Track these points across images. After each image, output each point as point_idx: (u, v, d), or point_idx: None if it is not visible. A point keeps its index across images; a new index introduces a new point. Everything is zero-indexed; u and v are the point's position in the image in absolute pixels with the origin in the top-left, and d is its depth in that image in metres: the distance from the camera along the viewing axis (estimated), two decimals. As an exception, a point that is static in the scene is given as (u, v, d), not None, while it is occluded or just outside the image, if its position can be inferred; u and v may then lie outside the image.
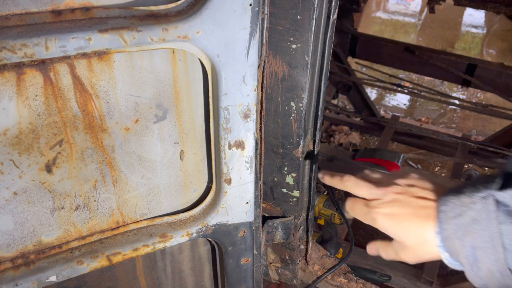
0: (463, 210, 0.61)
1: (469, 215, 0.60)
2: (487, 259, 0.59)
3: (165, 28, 0.62)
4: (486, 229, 0.58)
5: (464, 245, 0.61)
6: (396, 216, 0.72)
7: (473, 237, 0.59)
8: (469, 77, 2.91)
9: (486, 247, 0.58)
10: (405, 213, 0.70)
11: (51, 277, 0.76)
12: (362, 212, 0.77)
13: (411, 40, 6.62)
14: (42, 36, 0.56)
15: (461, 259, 0.62)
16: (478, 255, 0.59)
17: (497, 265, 0.58)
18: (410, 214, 0.70)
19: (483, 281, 0.61)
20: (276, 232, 1.11)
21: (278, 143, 0.97)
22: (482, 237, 0.58)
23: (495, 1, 2.90)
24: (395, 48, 3.14)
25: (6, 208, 0.69)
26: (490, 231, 0.58)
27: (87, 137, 0.70)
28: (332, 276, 1.17)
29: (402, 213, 0.71)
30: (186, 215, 0.86)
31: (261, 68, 0.80)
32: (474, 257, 0.60)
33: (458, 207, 0.62)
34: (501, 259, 0.57)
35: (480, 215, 0.59)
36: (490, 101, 4.43)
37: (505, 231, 0.57)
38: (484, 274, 0.60)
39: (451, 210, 0.62)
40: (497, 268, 0.58)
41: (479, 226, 0.59)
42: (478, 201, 0.59)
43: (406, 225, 0.70)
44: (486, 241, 0.58)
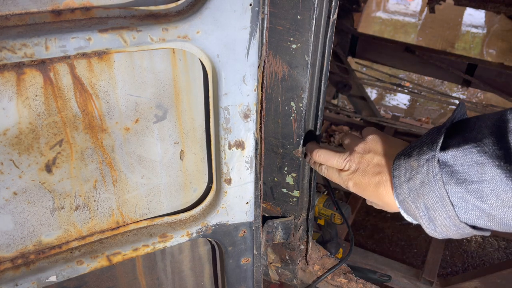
0: (412, 174, 0.64)
1: (418, 178, 0.64)
2: (440, 217, 0.63)
3: (165, 28, 0.62)
4: (434, 190, 0.62)
5: (417, 206, 0.65)
6: (360, 185, 0.78)
7: (424, 199, 0.63)
8: (469, 77, 2.91)
9: (437, 207, 0.62)
10: (365, 182, 0.76)
11: (51, 277, 0.76)
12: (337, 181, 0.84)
13: (411, 40, 6.62)
14: (42, 36, 0.56)
15: (418, 219, 0.67)
16: (432, 215, 0.64)
17: (450, 220, 0.62)
18: (369, 182, 0.76)
19: (442, 235, 0.66)
20: (276, 232, 1.11)
21: (278, 143, 0.97)
22: (431, 198, 0.62)
23: (495, 1, 2.90)
24: (395, 48, 3.14)
25: (6, 208, 0.69)
26: (437, 192, 0.61)
27: (87, 137, 0.70)
28: (332, 276, 1.17)
29: (363, 182, 0.77)
30: (186, 215, 0.86)
31: (261, 68, 0.80)
32: (429, 217, 0.64)
33: (408, 171, 0.65)
34: (453, 216, 0.61)
35: (427, 177, 0.62)
36: (490, 101, 4.43)
37: (450, 191, 0.60)
38: (441, 229, 0.65)
39: (403, 175, 0.66)
40: (451, 223, 0.62)
41: (427, 188, 0.62)
42: (424, 163, 0.63)
43: (369, 193, 0.76)
44: (436, 201, 0.62)
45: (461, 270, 2.86)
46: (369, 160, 0.77)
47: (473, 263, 2.91)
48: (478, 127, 0.61)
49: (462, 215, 0.61)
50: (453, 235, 0.66)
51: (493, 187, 0.57)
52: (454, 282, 2.36)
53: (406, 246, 3.02)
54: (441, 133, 0.64)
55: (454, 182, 0.60)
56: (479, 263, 2.91)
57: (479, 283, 2.24)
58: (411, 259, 2.92)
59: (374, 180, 0.75)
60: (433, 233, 0.67)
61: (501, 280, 2.18)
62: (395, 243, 3.04)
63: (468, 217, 0.61)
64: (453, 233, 0.65)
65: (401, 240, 3.06)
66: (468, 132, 0.62)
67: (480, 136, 0.59)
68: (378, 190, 0.74)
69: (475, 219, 0.61)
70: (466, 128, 0.63)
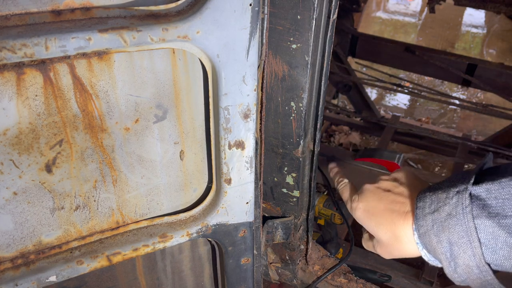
0: (439, 206, 0.60)
1: (444, 211, 0.59)
2: (464, 254, 0.58)
3: (165, 28, 0.62)
4: (461, 223, 0.57)
5: (440, 240, 0.60)
6: (371, 210, 0.71)
7: (449, 233, 0.58)
8: (469, 77, 2.91)
9: (462, 242, 0.57)
10: (380, 208, 0.70)
11: (51, 277, 0.76)
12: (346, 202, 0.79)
13: (411, 40, 6.62)
14: (42, 36, 0.56)
15: (438, 255, 0.61)
16: (455, 251, 0.58)
17: (475, 260, 0.57)
18: (384, 209, 0.69)
19: (462, 278, 0.60)
20: (276, 232, 1.11)
21: (278, 143, 0.97)
22: (457, 232, 0.57)
23: (495, 1, 2.90)
24: (395, 48, 3.14)
25: (6, 208, 0.69)
26: (465, 226, 0.56)
27: (87, 137, 0.70)
28: (332, 276, 1.17)
29: (377, 208, 0.70)
30: (186, 215, 0.86)
31: (261, 68, 0.80)
32: (451, 253, 0.59)
33: (434, 202, 0.61)
34: (478, 254, 0.56)
35: (455, 210, 0.58)
36: (490, 101, 4.43)
37: (480, 225, 0.56)
38: (462, 270, 0.59)
39: (428, 206, 0.61)
40: (474, 263, 0.57)
41: (454, 221, 0.58)
42: (453, 195, 0.58)
43: (379, 220, 0.70)
44: (462, 236, 0.57)
45: (461, 270, 2.85)
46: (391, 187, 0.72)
47: (473, 263, 2.90)
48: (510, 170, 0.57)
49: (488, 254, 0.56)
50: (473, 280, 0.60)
51: None
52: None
53: (406, 246, 3.01)
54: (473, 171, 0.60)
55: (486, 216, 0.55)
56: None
57: (479, 283, 2.23)
58: (411, 259, 2.91)
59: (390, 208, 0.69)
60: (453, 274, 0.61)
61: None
62: (395, 243, 3.04)
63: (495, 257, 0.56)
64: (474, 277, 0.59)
65: (401, 240, 3.05)
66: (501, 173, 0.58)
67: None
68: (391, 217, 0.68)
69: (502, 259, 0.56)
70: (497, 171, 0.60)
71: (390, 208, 0.69)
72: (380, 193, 0.72)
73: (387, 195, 0.71)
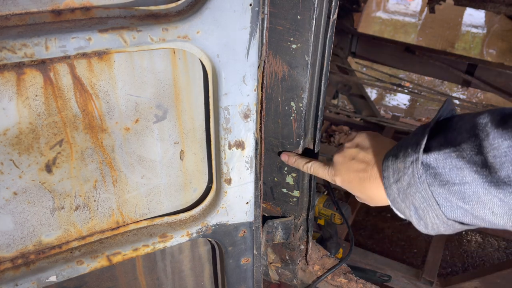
0: (400, 176, 0.67)
1: (405, 180, 0.66)
2: (428, 215, 0.66)
3: (165, 28, 0.62)
4: (420, 191, 0.64)
5: (407, 206, 0.68)
6: (345, 179, 0.81)
7: (412, 199, 0.66)
8: (469, 77, 2.91)
9: (424, 207, 0.65)
10: (350, 176, 0.80)
11: (51, 277, 0.76)
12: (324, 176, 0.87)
13: (411, 40, 6.62)
14: (42, 36, 0.56)
15: (408, 217, 0.70)
16: (420, 213, 0.67)
17: (439, 218, 0.65)
18: (354, 177, 0.79)
19: (434, 231, 0.69)
20: (276, 232, 1.11)
21: (278, 143, 0.97)
22: (418, 198, 0.65)
23: (495, 1, 2.90)
24: (395, 48, 3.14)
25: (6, 208, 0.69)
26: (423, 193, 0.64)
27: (87, 137, 0.70)
28: (332, 276, 1.17)
29: (348, 177, 0.80)
30: (186, 215, 0.86)
31: (261, 68, 0.80)
32: (418, 215, 0.67)
33: (396, 172, 0.68)
34: (440, 214, 0.64)
35: (413, 179, 0.65)
36: (490, 101, 4.43)
37: (435, 192, 0.63)
38: (431, 227, 0.68)
39: (391, 176, 0.69)
40: (439, 221, 0.65)
41: (414, 190, 0.65)
42: (409, 166, 0.66)
43: (353, 186, 0.80)
44: (423, 201, 0.65)
45: (461, 270, 2.86)
46: (354, 154, 0.80)
47: (473, 263, 2.91)
48: (458, 128, 0.64)
49: (448, 213, 0.64)
50: (444, 231, 0.68)
51: (474, 189, 0.59)
52: (454, 282, 2.36)
53: (406, 246, 3.02)
54: (425, 133, 0.66)
55: (438, 184, 0.63)
56: (479, 263, 2.91)
57: (479, 283, 2.24)
58: (411, 259, 2.92)
59: (358, 176, 0.78)
60: (425, 230, 0.69)
61: (501, 280, 2.18)
62: (395, 243, 3.04)
63: (454, 215, 0.64)
64: (444, 229, 0.67)
65: (401, 240, 3.06)
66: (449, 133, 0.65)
67: (460, 138, 0.62)
68: (362, 184, 0.77)
69: (461, 217, 0.63)
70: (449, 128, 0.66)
71: (357, 176, 0.79)
72: (347, 163, 0.81)
73: (353, 164, 0.80)
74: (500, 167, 0.56)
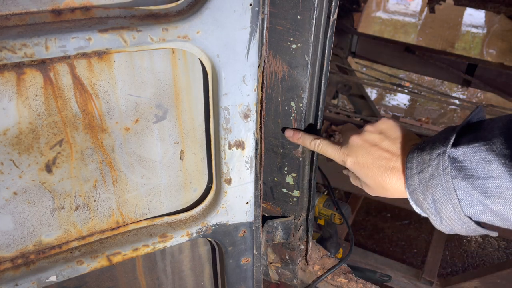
0: (424, 167, 0.67)
1: (428, 171, 0.66)
2: (446, 209, 0.66)
3: (165, 28, 0.62)
4: (442, 183, 0.65)
5: (426, 198, 0.68)
6: (360, 163, 0.78)
7: (432, 191, 0.66)
8: (469, 77, 2.91)
9: (444, 200, 0.65)
10: (368, 161, 0.77)
11: (51, 277, 0.76)
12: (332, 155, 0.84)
13: (411, 40, 6.62)
14: (42, 36, 0.56)
15: (425, 210, 0.70)
16: (438, 207, 0.67)
17: (455, 214, 0.65)
18: (372, 163, 0.76)
19: (448, 228, 0.69)
20: (276, 232, 1.11)
21: (278, 143, 0.97)
22: (439, 191, 0.65)
23: (495, 1, 2.90)
24: (395, 48, 3.14)
25: (6, 208, 0.69)
26: (445, 185, 0.64)
27: (87, 137, 0.70)
28: (332, 276, 1.17)
29: (365, 161, 0.77)
30: (186, 215, 0.86)
31: (261, 68, 0.80)
32: (436, 209, 0.67)
33: (420, 164, 0.68)
34: (458, 209, 0.64)
35: (437, 171, 0.65)
36: (490, 101, 4.43)
37: (457, 185, 0.63)
38: (447, 222, 0.67)
39: (415, 167, 0.69)
40: (456, 216, 0.65)
41: (436, 181, 0.65)
42: (435, 158, 0.66)
43: (368, 172, 0.77)
44: (443, 194, 0.65)
45: (461, 270, 2.86)
46: (378, 141, 0.77)
47: (473, 263, 2.91)
48: (490, 128, 0.64)
49: (466, 209, 0.64)
50: (458, 230, 0.68)
51: (498, 184, 0.59)
52: (454, 282, 2.36)
53: (406, 246, 3.02)
54: (455, 131, 0.67)
55: (462, 177, 0.63)
56: (479, 263, 2.91)
57: (479, 283, 2.24)
58: (411, 259, 2.92)
59: (379, 163, 0.75)
60: (439, 226, 0.69)
61: (501, 280, 2.18)
62: (395, 243, 3.04)
63: (472, 211, 0.64)
64: (458, 227, 0.67)
65: (401, 240, 3.06)
66: (480, 132, 0.65)
67: (491, 135, 0.62)
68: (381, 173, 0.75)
69: (479, 213, 0.63)
70: (479, 128, 0.66)
71: (378, 163, 0.76)
72: (367, 147, 0.78)
73: (374, 150, 0.77)
74: None
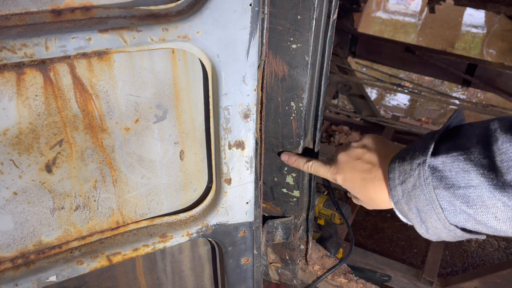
0: (405, 177, 0.67)
1: (410, 182, 0.66)
2: (431, 219, 0.66)
3: (165, 28, 0.62)
4: (424, 194, 0.65)
5: (410, 208, 0.68)
6: (348, 179, 0.81)
7: (416, 201, 0.66)
8: (469, 77, 2.91)
9: (427, 209, 0.65)
10: (354, 176, 0.80)
11: (51, 277, 0.76)
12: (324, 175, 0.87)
13: (411, 40, 6.62)
14: (42, 36, 0.56)
15: (411, 220, 0.70)
16: (423, 216, 0.67)
17: (440, 223, 0.65)
18: (357, 177, 0.79)
19: (434, 236, 0.69)
20: (276, 232, 1.11)
21: (278, 143, 0.97)
22: (422, 201, 0.65)
23: (495, 1, 2.90)
24: (395, 48, 3.14)
25: (6, 208, 0.69)
26: (428, 196, 0.64)
27: (87, 137, 0.70)
28: (332, 276, 1.17)
29: (352, 176, 0.80)
30: (186, 215, 0.86)
31: (261, 68, 0.80)
32: (421, 218, 0.67)
33: (402, 174, 0.68)
34: (442, 218, 0.64)
35: (419, 181, 0.65)
36: (490, 101, 4.43)
37: (439, 195, 0.63)
38: (433, 231, 0.67)
39: (397, 178, 0.69)
40: (441, 225, 0.65)
41: (418, 192, 0.65)
42: (416, 167, 0.66)
43: (355, 186, 0.80)
44: (426, 204, 0.65)
45: (461, 270, 2.86)
46: (360, 155, 0.80)
47: (473, 263, 2.91)
48: (468, 135, 0.64)
49: (451, 217, 0.64)
50: (445, 237, 0.68)
51: (479, 193, 0.59)
52: (454, 282, 2.36)
53: (406, 246, 3.02)
54: (434, 138, 0.66)
55: (443, 187, 0.63)
56: (479, 263, 2.91)
57: (479, 283, 2.24)
58: (411, 259, 2.92)
59: (362, 176, 0.78)
60: (426, 235, 0.69)
61: (501, 280, 2.18)
62: (395, 243, 3.04)
63: (456, 220, 0.64)
64: (445, 235, 0.67)
65: (401, 240, 3.06)
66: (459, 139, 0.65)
67: (469, 144, 0.62)
68: (365, 185, 0.77)
69: (464, 222, 0.63)
70: (458, 135, 0.66)
71: (362, 176, 0.78)
72: (352, 162, 0.80)
73: (358, 164, 0.79)
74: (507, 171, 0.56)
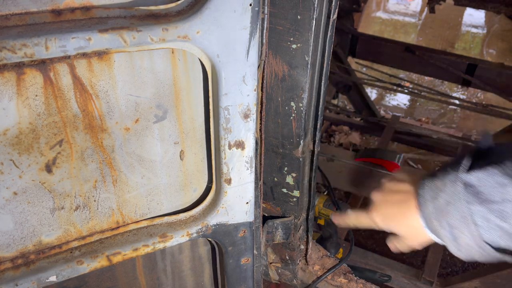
0: (437, 193, 0.66)
1: (442, 198, 0.65)
2: (463, 235, 0.64)
3: (165, 28, 0.62)
4: (458, 209, 0.64)
5: (442, 225, 0.67)
6: (387, 216, 0.78)
7: (448, 218, 0.65)
8: (469, 77, 2.91)
9: (461, 226, 0.64)
10: (393, 210, 0.77)
11: (51, 277, 0.76)
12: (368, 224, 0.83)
13: (411, 40, 6.62)
14: (42, 36, 0.56)
15: (442, 238, 0.68)
16: (455, 233, 0.66)
17: (473, 240, 0.64)
18: (396, 210, 0.76)
19: (466, 254, 0.67)
20: (276, 232, 1.11)
21: (278, 143, 0.97)
22: (455, 217, 0.64)
23: (495, 1, 2.90)
24: (395, 48, 3.14)
25: (6, 208, 0.69)
26: (461, 211, 0.63)
27: (87, 137, 0.70)
28: (332, 276, 1.17)
29: (390, 211, 0.77)
30: (186, 215, 0.86)
31: (261, 68, 0.80)
32: (453, 235, 0.66)
33: (433, 190, 0.67)
34: (476, 235, 0.63)
35: (452, 197, 0.64)
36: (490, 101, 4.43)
37: (474, 210, 0.62)
38: (464, 249, 0.66)
39: (427, 193, 0.68)
40: (474, 242, 0.64)
41: (452, 208, 0.64)
42: (449, 183, 0.65)
43: (395, 220, 0.77)
44: (460, 220, 0.64)
45: (461, 270, 2.86)
46: (394, 187, 0.78)
47: (473, 263, 2.91)
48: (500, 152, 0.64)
49: (484, 234, 0.63)
50: (477, 257, 0.66)
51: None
52: (454, 282, 2.36)
53: (406, 246, 3.01)
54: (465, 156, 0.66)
55: (478, 202, 0.62)
56: (479, 263, 2.91)
57: (479, 283, 2.24)
58: (411, 259, 2.92)
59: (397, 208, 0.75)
60: (457, 253, 0.68)
61: (501, 280, 2.18)
62: (395, 243, 3.04)
63: (490, 237, 0.63)
64: (477, 254, 0.66)
65: (401, 240, 3.05)
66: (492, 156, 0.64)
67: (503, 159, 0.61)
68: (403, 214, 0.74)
69: (497, 238, 0.62)
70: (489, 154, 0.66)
71: (399, 206, 0.75)
72: (387, 198, 0.78)
73: (393, 196, 0.77)
74: None
